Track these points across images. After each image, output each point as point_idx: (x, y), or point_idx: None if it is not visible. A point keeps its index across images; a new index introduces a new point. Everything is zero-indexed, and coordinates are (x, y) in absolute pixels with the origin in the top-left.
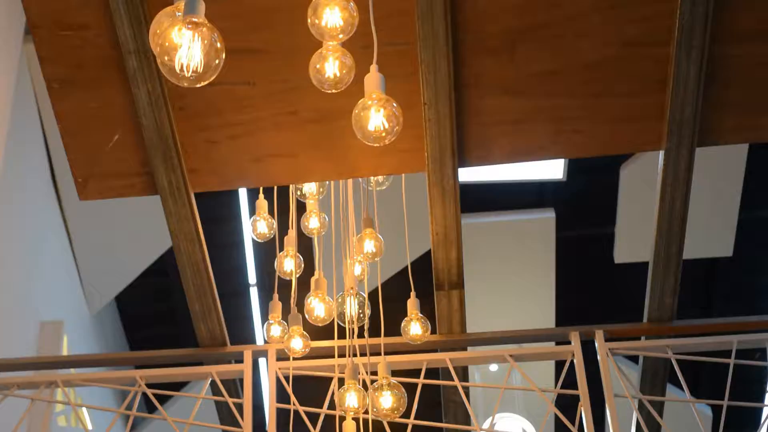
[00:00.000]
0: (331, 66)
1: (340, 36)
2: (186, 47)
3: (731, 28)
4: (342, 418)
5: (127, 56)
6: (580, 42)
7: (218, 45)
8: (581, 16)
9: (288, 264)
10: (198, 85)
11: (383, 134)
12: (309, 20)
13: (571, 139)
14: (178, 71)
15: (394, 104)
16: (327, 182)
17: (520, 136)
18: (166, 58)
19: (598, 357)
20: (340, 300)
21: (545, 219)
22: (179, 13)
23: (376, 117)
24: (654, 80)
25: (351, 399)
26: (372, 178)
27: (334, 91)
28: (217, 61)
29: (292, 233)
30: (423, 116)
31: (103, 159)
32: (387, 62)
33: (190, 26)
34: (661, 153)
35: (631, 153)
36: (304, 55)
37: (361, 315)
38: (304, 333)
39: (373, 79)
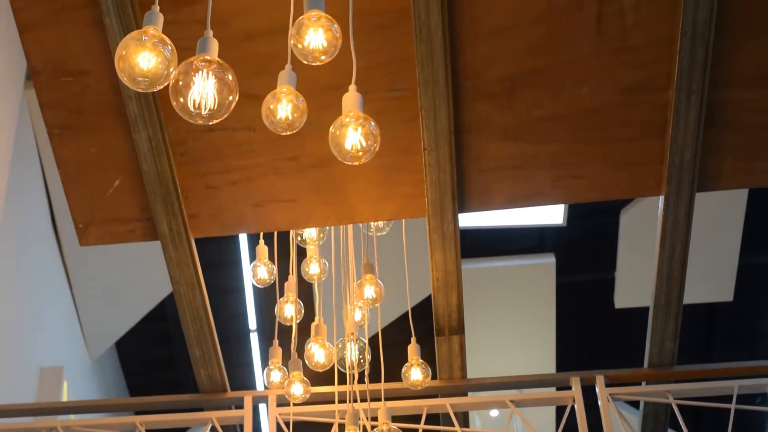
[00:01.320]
0: (283, 108)
1: (323, 58)
2: (199, 85)
3: (730, 73)
4: None
5: (128, 102)
6: (580, 88)
7: (231, 82)
8: (581, 62)
9: (288, 309)
10: (211, 122)
11: (360, 153)
12: (292, 41)
13: (570, 184)
14: (192, 110)
15: (372, 123)
16: (327, 228)
17: (519, 181)
18: (178, 97)
19: (599, 402)
20: (340, 345)
21: (545, 264)
22: (145, 38)
23: (353, 135)
24: (653, 125)
25: None
26: (372, 223)
27: (288, 133)
28: (230, 98)
29: (292, 279)
30: (423, 161)
31: (104, 204)
32: (388, 108)
33: (203, 64)
34: (661, 198)
35: (631, 198)
36: (305, 101)
37: (362, 360)
38: (305, 378)
39: (351, 98)
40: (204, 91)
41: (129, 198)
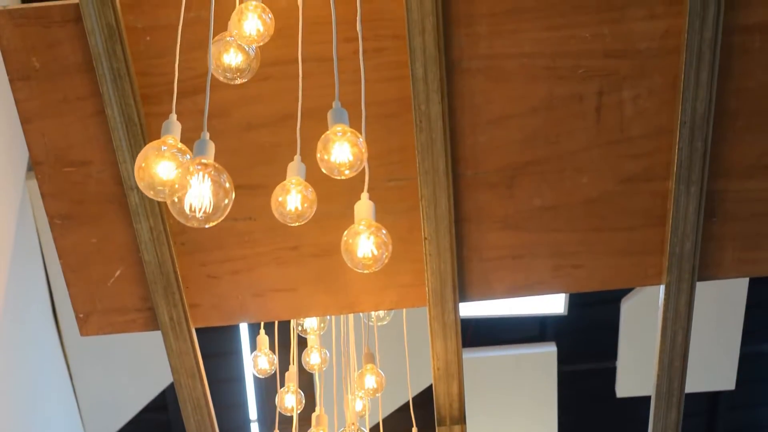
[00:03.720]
0: (293, 199)
1: (347, 172)
2: (196, 189)
3: (729, 163)
4: None
5: (129, 192)
6: (580, 177)
7: (227, 186)
8: (580, 152)
9: (289, 400)
10: (206, 226)
11: (371, 261)
12: (318, 155)
13: (571, 273)
14: (187, 212)
15: (384, 231)
16: (328, 317)
17: (520, 270)
18: (176, 198)
19: None
20: None
21: (547, 353)
22: (164, 147)
23: (365, 244)
24: (653, 215)
25: None
26: (373, 312)
27: (297, 224)
28: (226, 201)
29: (293, 369)
30: (423, 251)
31: (105, 294)
32: (388, 197)
33: (199, 167)
34: (662, 287)
35: (632, 287)
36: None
37: None
38: None
39: (363, 206)
40: (200, 195)
41: (130, 288)
